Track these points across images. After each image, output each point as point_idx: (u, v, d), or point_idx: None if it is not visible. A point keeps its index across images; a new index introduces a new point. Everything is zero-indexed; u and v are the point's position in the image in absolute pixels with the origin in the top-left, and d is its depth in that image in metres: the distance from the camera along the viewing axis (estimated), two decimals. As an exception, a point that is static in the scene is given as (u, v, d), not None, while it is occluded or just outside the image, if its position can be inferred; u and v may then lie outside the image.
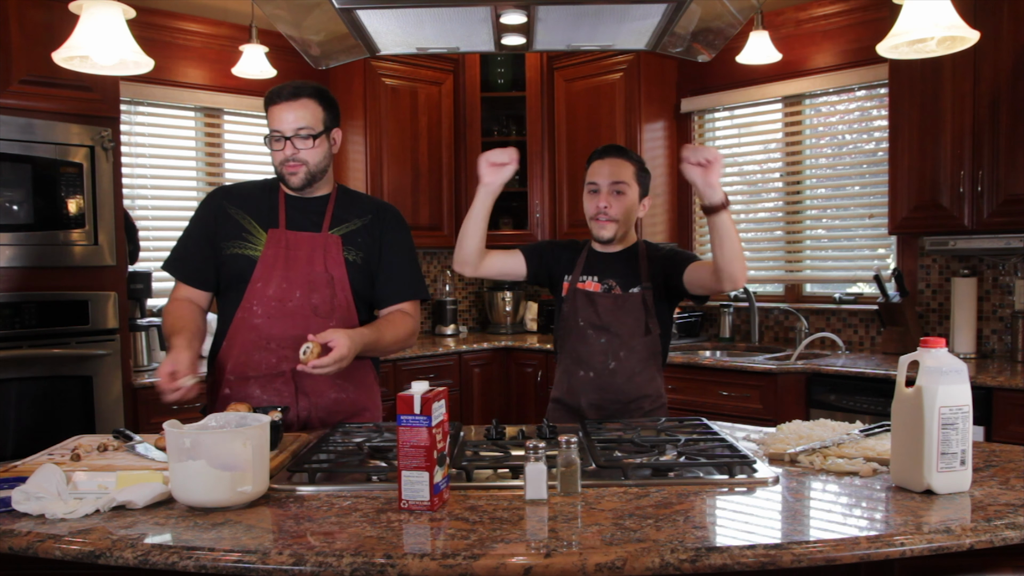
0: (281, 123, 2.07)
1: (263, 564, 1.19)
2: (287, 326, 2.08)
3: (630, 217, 2.33)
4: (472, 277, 2.55)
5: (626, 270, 2.33)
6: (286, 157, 2.09)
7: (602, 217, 2.31)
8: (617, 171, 2.31)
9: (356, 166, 4.43)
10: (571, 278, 2.39)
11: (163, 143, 4.02)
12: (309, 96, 2.09)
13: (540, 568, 1.17)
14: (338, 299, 2.13)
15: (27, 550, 1.29)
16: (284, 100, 2.07)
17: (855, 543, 1.23)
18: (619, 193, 2.30)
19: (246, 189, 2.26)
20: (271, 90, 2.12)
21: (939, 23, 1.79)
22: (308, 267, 2.11)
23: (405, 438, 1.39)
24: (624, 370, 2.28)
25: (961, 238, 3.27)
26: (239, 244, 2.13)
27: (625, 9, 1.95)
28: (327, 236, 2.14)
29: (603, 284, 2.34)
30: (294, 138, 2.07)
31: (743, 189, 4.40)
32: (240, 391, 2.10)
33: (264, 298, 2.09)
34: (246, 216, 2.16)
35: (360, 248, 2.18)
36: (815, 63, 3.96)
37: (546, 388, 4.32)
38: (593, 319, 2.31)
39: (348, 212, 2.20)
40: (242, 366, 2.10)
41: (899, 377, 1.51)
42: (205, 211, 2.20)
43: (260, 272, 2.10)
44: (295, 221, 2.16)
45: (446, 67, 4.68)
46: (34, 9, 2.94)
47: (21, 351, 2.93)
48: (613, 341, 2.29)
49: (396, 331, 2.17)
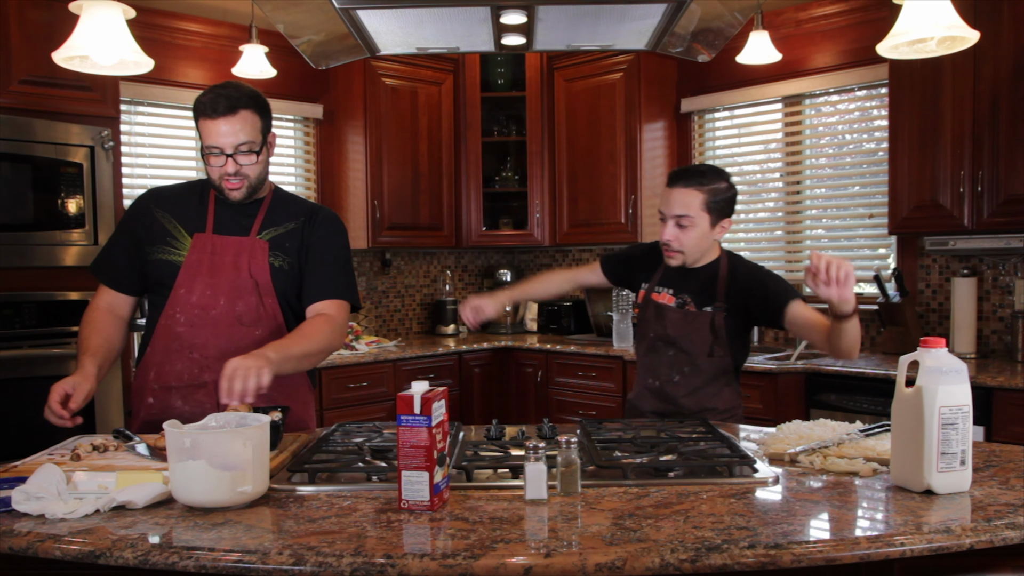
0: (219, 139, 1.94)
1: (263, 564, 1.19)
2: (210, 334, 2.01)
3: (701, 245, 2.26)
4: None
5: (703, 287, 2.28)
6: (227, 173, 1.98)
7: (666, 248, 2.27)
8: (682, 202, 2.21)
9: (356, 166, 4.43)
10: (648, 287, 2.37)
11: (163, 143, 4.03)
12: (246, 107, 1.95)
13: (540, 568, 1.17)
14: (264, 307, 2.05)
15: (27, 550, 1.29)
16: (220, 115, 1.93)
17: (855, 543, 1.23)
18: (683, 227, 2.22)
19: (176, 192, 2.17)
20: (201, 99, 1.96)
21: (939, 23, 1.79)
22: (234, 273, 2.03)
23: (405, 438, 1.39)
24: (688, 385, 2.27)
25: (961, 238, 3.27)
26: (163, 249, 2.05)
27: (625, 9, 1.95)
28: (254, 241, 2.06)
29: (678, 298, 2.30)
30: (236, 155, 1.96)
31: (743, 189, 4.40)
32: (163, 400, 2.03)
33: (187, 305, 2.02)
34: (172, 220, 2.08)
35: (288, 253, 2.08)
36: (815, 63, 3.96)
37: (546, 388, 4.32)
38: (661, 332, 2.30)
39: (280, 216, 2.11)
40: (165, 375, 2.03)
41: (899, 377, 1.51)
42: (131, 215, 2.12)
43: (183, 278, 2.02)
44: (224, 225, 2.07)
45: (446, 67, 4.68)
46: (34, 9, 2.94)
47: (21, 351, 2.93)
48: (679, 356, 2.28)
49: (308, 339, 1.98)
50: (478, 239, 4.83)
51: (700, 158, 4.51)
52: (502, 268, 5.11)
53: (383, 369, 4.03)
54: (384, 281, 4.85)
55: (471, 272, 5.28)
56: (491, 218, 4.98)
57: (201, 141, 2.00)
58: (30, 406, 2.95)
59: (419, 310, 5.03)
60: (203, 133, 1.97)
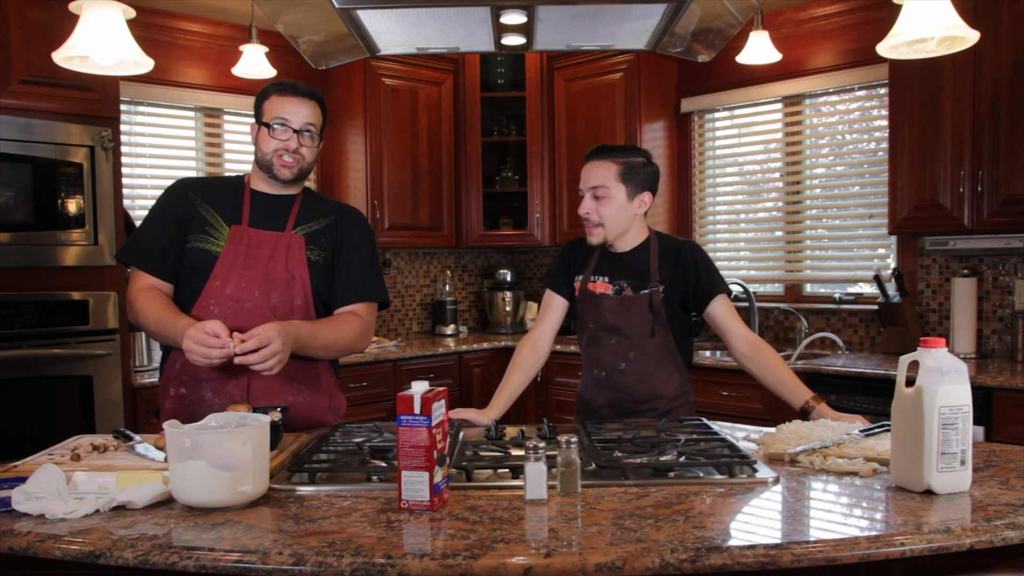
0: (292, 115, 2.05)
1: (263, 564, 1.19)
2: (243, 326, 1.98)
3: (620, 218, 2.25)
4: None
5: (637, 270, 2.28)
6: (287, 148, 2.06)
7: (586, 223, 2.27)
8: (597, 175, 2.24)
9: (356, 166, 4.43)
10: (582, 278, 2.36)
11: (163, 143, 4.02)
12: (316, 99, 2.10)
13: (540, 568, 1.17)
14: (297, 300, 2.07)
15: (27, 550, 1.29)
16: (299, 95, 2.06)
17: (855, 543, 1.23)
18: (599, 198, 2.23)
19: (211, 183, 2.20)
20: (278, 81, 2.11)
21: (939, 23, 1.79)
22: (269, 266, 2.06)
23: (405, 438, 1.39)
24: (635, 371, 2.27)
25: (961, 238, 3.27)
26: (201, 238, 2.06)
27: (625, 9, 1.96)
28: (291, 235, 2.10)
29: (614, 285, 2.29)
30: (301, 133, 2.06)
31: (743, 189, 4.40)
32: (193, 392, 2.03)
33: (222, 297, 2.03)
34: (210, 210, 2.09)
35: (323, 248, 2.13)
36: (815, 63, 3.96)
37: (546, 388, 4.32)
38: (600, 321, 2.29)
39: (312, 213, 2.16)
40: (195, 367, 1.98)
41: (899, 377, 1.51)
42: (171, 200, 2.12)
43: (220, 270, 2.04)
44: (259, 219, 2.10)
45: (446, 67, 4.68)
46: (34, 9, 2.94)
47: (21, 351, 2.93)
48: (623, 343, 2.27)
49: (338, 331, 2.08)
50: (478, 239, 4.83)
51: (700, 158, 4.51)
52: (502, 268, 5.10)
53: (383, 369, 4.03)
54: (384, 281, 4.85)
55: (471, 272, 5.28)
56: (491, 218, 4.98)
57: (264, 117, 2.07)
58: (30, 406, 2.97)
59: (419, 310, 5.03)
60: (272, 108, 2.06)
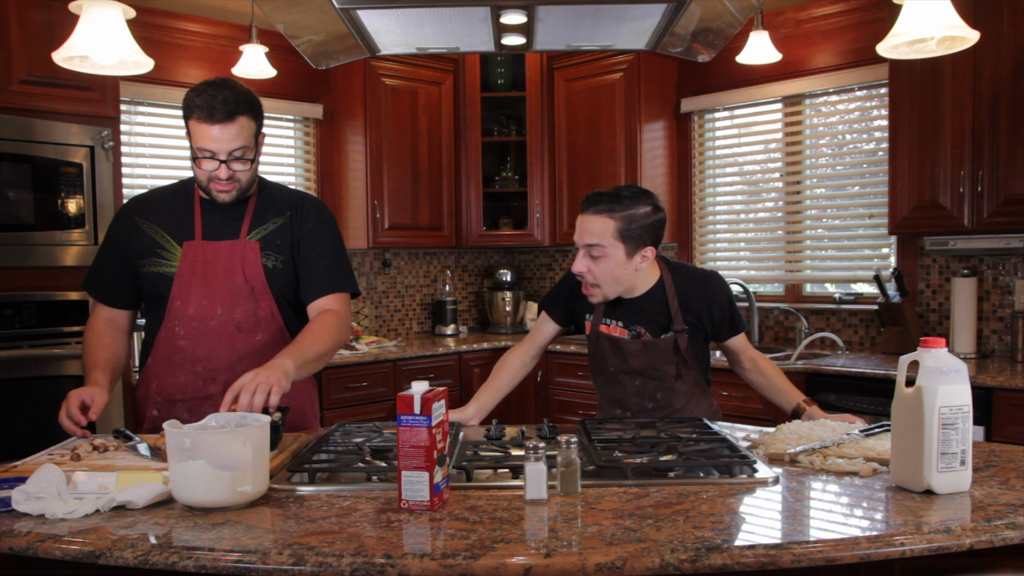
0: (215, 144, 1.90)
1: (263, 564, 1.19)
2: (211, 346, 1.98)
3: (619, 276, 2.06)
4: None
5: (654, 314, 2.11)
6: (218, 177, 1.94)
7: (583, 281, 2.09)
8: (592, 230, 2.01)
9: (356, 166, 4.43)
10: (592, 318, 2.20)
11: (163, 143, 4.02)
12: (243, 113, 1.91)
13: (540, 568, 1.17)
14: (262, 311, 2.01)
15: (27, 550, 1.29)
16: (218, 123, 1.88)
17: (855, 543, 1.23)
18: (595, 257, 2.03)
19: (158, 198, 2.11)
20: (195, 100, 1.90)
21: (939, 23, 1.79)
22: (228, 279, 1.99)
23: (405, 438, 1.39)
24: (662, 408, 2.16)
25: (961, 238, 3.27)
26: (153, 261, 2.01)
27: (625, 9, 1.95)
28: (245, 243, 2.01)
29: (630, 330, 2.14)
30: (229, 161, 1.93)
31: (743, 189, 4.40)
32: (168, 413, 2.01)
33: (185, 317, 1.99)
34: (159, 230, 2.03)
35: (279, 251, 2.04)
36: (815, 63, 3.96)
37: (546, 388, 4.32)
38: (623, 366, 2.16)
39: (267, 212, 2.07)
40: (168, 388, 2.01)
41: (899, 377, 1.51)
42: (117, 226, 2.08)
43: (177, 290, 1.98)
44: (212, 230, 2.02)
45: (446, 67, 4.68)
46: (34, 9, 2.93)
47: (21, 351, 2.93)
48: (648, 384, 2.16)
49: (319, 338, 1.96)
50: (478, 239, 4.83)
51: (700, 158, 4.51)
52: (502, 268, 5.10)
53: (383, 369, 4.03)
54: (384, 281, 4.85)
55: (471, 272, 5.28)
56: (491, 218, 4.98)
57: (191, 141, 1.95)
58: (30, 406, 2.97)
59: (419, 310, 5.03)
60: (195, 135, 1.92)
